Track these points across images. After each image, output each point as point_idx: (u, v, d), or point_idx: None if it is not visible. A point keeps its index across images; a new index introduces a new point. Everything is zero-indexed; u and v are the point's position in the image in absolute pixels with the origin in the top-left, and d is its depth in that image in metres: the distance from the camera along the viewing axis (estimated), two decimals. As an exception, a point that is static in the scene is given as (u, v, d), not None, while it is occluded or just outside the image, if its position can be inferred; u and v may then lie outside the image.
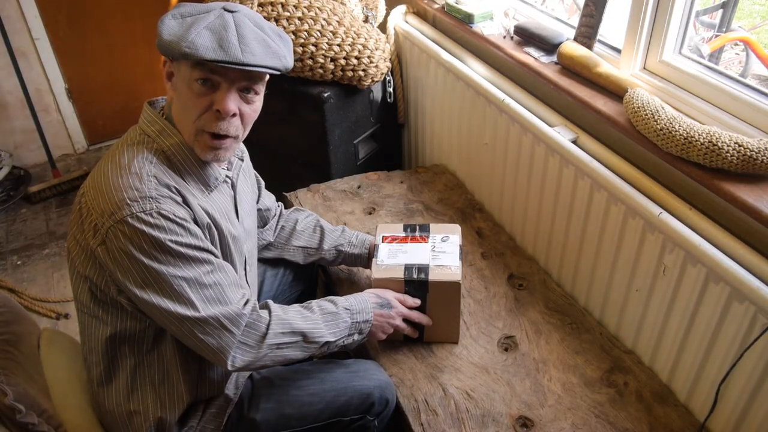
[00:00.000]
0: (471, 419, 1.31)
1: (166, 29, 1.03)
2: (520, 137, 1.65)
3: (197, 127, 1.08)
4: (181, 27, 1.03)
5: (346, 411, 1.27)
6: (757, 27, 3.82)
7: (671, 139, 1.21)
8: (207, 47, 1.00)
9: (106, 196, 1.03)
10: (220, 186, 1.17)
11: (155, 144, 1.10)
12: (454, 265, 1.40)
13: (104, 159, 1.12)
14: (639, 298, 1.40)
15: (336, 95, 1.95)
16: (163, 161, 1.09)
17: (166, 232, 1.02)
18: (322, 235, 1.53)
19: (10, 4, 2.71)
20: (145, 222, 1.00)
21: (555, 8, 2.83)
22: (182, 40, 1.00)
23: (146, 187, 1.03)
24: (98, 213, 1.03)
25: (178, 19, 1.05)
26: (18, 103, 2.88)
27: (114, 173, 1.05)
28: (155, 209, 1.01)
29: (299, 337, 1.16)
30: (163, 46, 1.03)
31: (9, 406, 0.99)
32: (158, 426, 1.15)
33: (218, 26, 1.02)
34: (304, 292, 1.61)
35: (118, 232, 1.01)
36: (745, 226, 1.18)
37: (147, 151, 1.08)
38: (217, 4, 1.07)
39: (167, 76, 1.09)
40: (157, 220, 1.01)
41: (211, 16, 1.04)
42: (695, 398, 1.32)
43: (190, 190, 1.11)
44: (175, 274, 1.03)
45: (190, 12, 1.06)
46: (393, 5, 2.16)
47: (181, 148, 1.10)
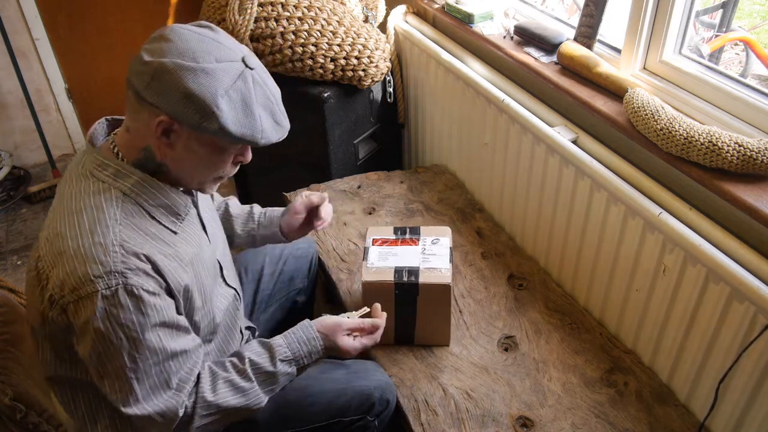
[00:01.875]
0: (471, 419, 1.31)
1: (230, 119, 0.94)
2: (520, 137, 1.65)
3: (215, 177, 1.06)
4: (242, 111, 0.95)
5: (346, 411, 1.27)
6: (757, 27, 3.82)
7: (671, 139, 1.21)
8: (273, 133, 1.00)
9: (66, 267, 0.94)
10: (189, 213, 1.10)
11: (114, 190, 0.99)
12: (444, 267, 1.39)
13: (57, 214, 1.00)
14: (639, 298, 1.40)
15: (336, 95, 1.95)
16: (129, 208, 0.99)
17: (131, 312, 0.94)
18: (231, 222, 1.45)
19: (10, 4, 2.70)
20: (110, 302, 0.92)
21: (555, 8, 2.83)
22: (255, 132, 0.97)
23: (112, 260, 0.93)
24: (56, 285, 0.94)
25: (229, 99, 0.94)
26: (18, 103, 2.88)
27: (74, 237, 0.95)
28: (121, 285, 0.93)
29: (234, 411, 1.09)
30: (231, 137, 0.95)
31: (9, 406, 0.99)
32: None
33: (264, 99, 0.99)
34: (302, 291, 1.61)
35: (79, 308, 0.93)
36: (745, 226, 1.18)
37: (109, 205, 0.98)
38: (236, 58, 0.97)
39: (164, 133, 0.96)
40: (123, 298, 0.93)
41: (252, 84, 0.97)
42: (695, 398, 1.32)
43: (162, 238, 1.02)
44: (126, 362, 0.96)
45: (227, 82, 0.94)
46: (393, 5, 2.16)
47: (143, 185, 1.01)
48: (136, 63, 0.95)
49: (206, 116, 0.93)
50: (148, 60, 0.93)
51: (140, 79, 0.93)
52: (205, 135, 0.97)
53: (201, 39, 0.96)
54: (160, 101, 0.93)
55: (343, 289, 1.65)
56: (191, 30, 0.97)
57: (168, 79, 0.92)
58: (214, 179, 1.07)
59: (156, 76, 0.92)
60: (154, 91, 0.93)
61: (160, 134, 0.96)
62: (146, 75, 0.93)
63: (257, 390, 1.10)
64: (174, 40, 0.94)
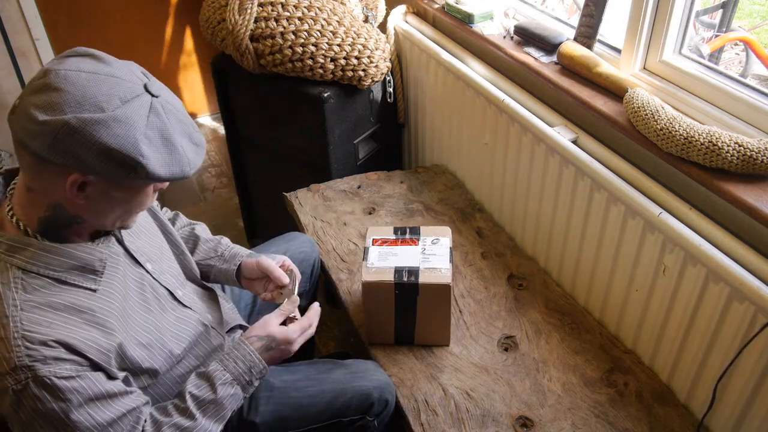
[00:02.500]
0: (471, 419, 1.31)
1: (156, 164, 0.88)
2: (520, 137, 1.65)
3: (137, 214, 1.00)
4: (165, 150, 0.89)
5: (346, 412, 1.27)
6: (757, 27, 3.82)
7: (671, 139, 1.21)
8: (197, 158, 0.94)
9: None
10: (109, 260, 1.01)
11: (11, 269, 0.91)
12: (444, 267, 1.39)
13: None
14: (639, 298, 1.40)
15: (336, 95, 1.95)
16: (31, 285, 0.91)
17: (45, 401, 0.88)
18: (195, 246, 1.36)
19: (10, 4, 2.70)
20: (23, 395, 0.87)
21: (555, 8, 2.83)
22: (183, 166, 0.91)
23: (15, 356, 0.86)
24: None
25: (149, 141, 0.87)
26: (18, 103, 2.88)
27: None
28: (30, 378, 0.87)
29: None
30: (160, 179, 0.90)
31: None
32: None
33: (179, 126, 0.92)
34: (303, 294, 1.60)
35: (2, 402, 0.89)
36: (745, 226, 1.18)
37: (6, 289, 0.89)
38: (139, 90, 0.89)
39: (79, 187, 0.88)
40: (35, 391, 0.87)
41: (164, 115, 0.90)
42: (695, 398, 1.32)
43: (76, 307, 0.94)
44: None
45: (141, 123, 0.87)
46: (393, 5, 2.16)
47: (44, 255, 0.92)
48: (27, 122, 0.83)
49: (131, 168, 0.86)
50: (45, 119, 0.82)
51: (39, 141, 0.83)
52: (126, 183, 0.91)
53: (95, 79, 0.86)
54: (69, 161, 0.84)
55: (343, 289, 1.65)
56: (79, 70, 0.86)
57: (77, 139, 0.82)
58: (133, 216, 1.00)
59: (59, 136, 0.82)
60: (59, 151, 0.83)
61: (75, 191, 0.88)
62: (45, 136, 0.82)
63: (204, 423, 1.03)
64: (65, 88, 0.83)
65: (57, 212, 0.92)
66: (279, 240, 1.61)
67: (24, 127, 0.84)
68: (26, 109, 0.84)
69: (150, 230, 1.19)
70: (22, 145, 0.86)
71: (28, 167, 0.89)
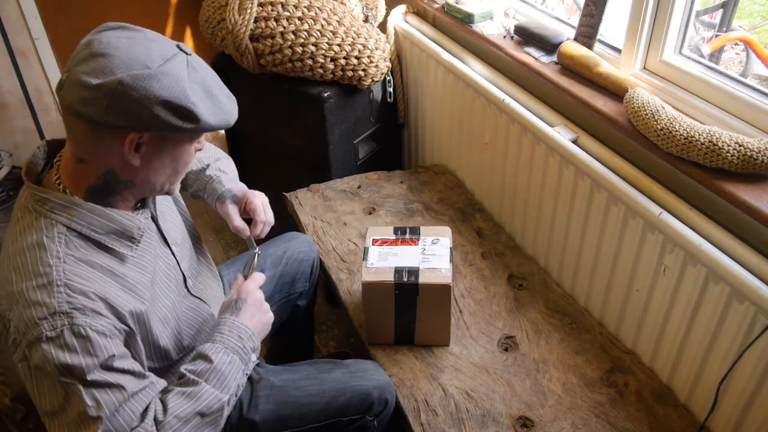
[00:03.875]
0: (471, 419, 1.31)
1: (210, 117, 0.94)
2: (520, 137, 1.65)
3: (181, 174, 1.04)
4: (208, 100, 0.95)
5: (346, 411, 1.27)
6: (757, 27, 3.81)
7: (671, 139, 1.20)
8: (234, 109, 1.01)
9: (16, 310, 0.90)
10: (145, 232, 1.05)
11: (57, 225, 0.94)
12: (444, 267, 1.39)
13: (4, 255, 0.96)
14: (639, 298, 1.40)
15: (336, 95, 1.95)
16: (74, 243, 0.94)
17: (78, 353, 0.89)
18: (185, 182, 1.39)
19: (10, 4, 2.70)
20: (56, 343, 0.88)
21: (555, 8, 2.83)
22: (226, 114, 0.98)
23: (56, 301, 0.89)
24: (14, 328, 0.91)
25: (202, 100, 0.93)
26: (18, 103, 2.88)
27: (20, 280, 0.91)
28: (67, 326, 0.88)
29: (195, 420, 0.99)
30: (210, 128, 0.96)
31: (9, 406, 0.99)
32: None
33: (214, 80, 0.98)
34: (303, 294, 1.61)
35: (32, 353, 0.89)
36: (745, 226, 1.18)
37: (51, 243, 0.93)
38: (174, 50, 0.94)
39: (135, 148, 0.93)
40: (69, 339, 0.88)
41: (200, 70, 0.95)
42: (695, 398, 1.32)
43: (112, 271, 0.97)
44: (80, 406, 0.90)
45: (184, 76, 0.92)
46: (393, 5, 2.16)
47: (89, 216, 0.96)
48: (80, 90, 0.87)
49: (185, 116, 0.91)
50: (98, 82, 0.86)
51: (94, 106, 0.87)
52: (178, 134, 0.94)
53: (135, 43, 0.91)
54: (126, 120, 0.88)
55: (343, 289, 1.65)
56: (118, 37, 0.91)
57: (132, 96, 0.87)
58: (179, 177, 1.04)
59: (115, 96, 0.86)
60: (116, 112, 0.87)
61: (132, 152, 0.92)
62: (100, 99, 0.86)
63: (208, 389, 1.01)
64: (111, 53, 0.88)
65: (108, 179, 0.96)
66: (278, 240, 1.61)
67: (77, 96, 0.87)
68: (77, 78, 0.87)
69: (173, 216, 1.23)
70: (77, 115, 0.88)
71: (83, 137, 0.92)
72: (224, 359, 1.04)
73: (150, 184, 1.00)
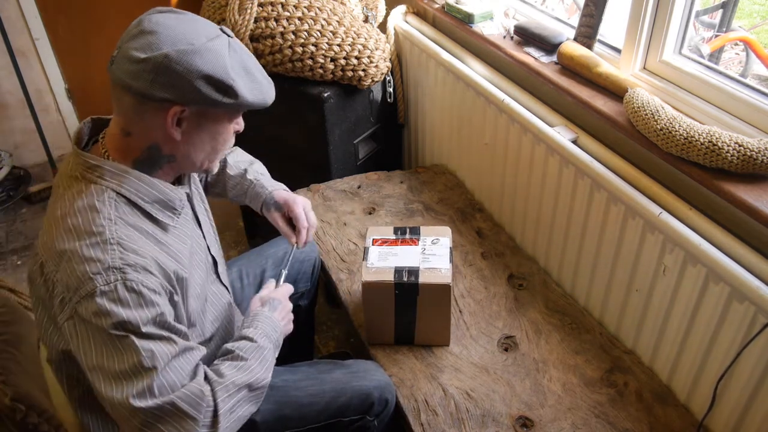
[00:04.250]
0: (471, 419, 1.31)
1: (248, 94, 0.99)
2: (520, 137, 1.65)
3: (220, 152, 1.08)
4: (247, 78, 1.00)
5: (346, 411, 1.27)
6: (757, 27, 3.82)
7: (671, 139, 1.21)
8: (271, 91, 1.06)
9: (67, 268, 0.93)
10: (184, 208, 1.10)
11: (107, 191, 0.98)
12: (444, 267, 1.39)
13: (52, 219, 0.99)
14: (639, 298, 1.40)
15: (336, 95, 1.95)
16: (123, 208, 0.99)
17: (131, 307, 0.92)
18: (225, 184, 1.43)
19: (10, 4, 2.70)
20: (110, 297, 0.91)
21: (555, 8, 2.83)
22: (263, 93, 1.03)
23: (110, 257, 0.92)
24: (63, 286, 0.93)
25: (241, 77, 0.98)
26: (18, 103, 2.88)
27: (72, 239, 0.94)
28: (120, 281, 0.92)
29: (245, 390, 1.05)
30: (248, 104, 1.01)
31: (9, 406, 0.99)
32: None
33: (253, 63, 1.03)
34: (304, 295, 1.61)
35: (84, 308, 0.91)
36: (745, 226, 1.18)
37: (103, 205, 0.96)
38: (217, 31, 0.99)
39: (177, 122, 0.98)
40: (122, 293, 0.92)
41: (240, 51, 1.00)
42: (695, 398, 1.32)
43: (156, 237, 1.02)
44: (134, 357, 0.92)
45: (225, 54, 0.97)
46: (393, 5, 2.16)
47: (136, 183, 1.00)
48: (128, 64, 0.92)
49: (225, 91, 0.96)
50: (144, 57, 0.91)
51: (141, 79, 0.92)
52: (217, 110, 0.99)
53: (182, 22, 0.97)
54: (171, 93, 0.93)
55: (344, 289, 1.65)
56: (166, 16, 0.97)
57: (176, 69, 0.92)
58: (218, 155, 1.09)
59: (161, 69, 0.92)
60: (162, 84, 0.92)
61: (174, 125, 0.97)
62: (147, 72, 0.92)
63: (256, 366, 1.07)
64: (159, 30, 0.93)
65: (152, 153, 1.01)
66: (279, 240, 1.61)
67: (126, 70, 0.93)
68: (126, 53, 0.93)
69: (204, 201, 1.28)
70: (124, 88, 0.94)
71: (129, 109, 0.96)
72: (266, 344, 1.11)
73: (190, 160, 1.04)
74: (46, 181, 2.88)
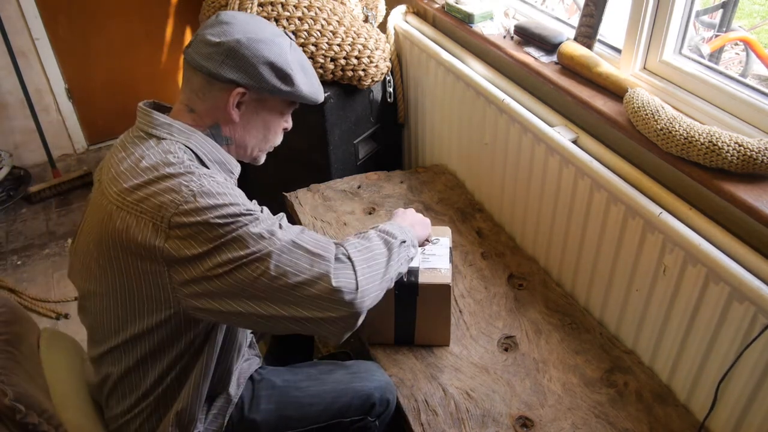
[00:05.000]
0: (471, 419, 1.31)
1: (303, 86, 1.11)
2: (520, 137, 1.65)
3: (270, 144, 1.20)
4: (303, 74, 1.11)
5: (347, 412, 1.27)
6: (757, 27, 3.82)
7: (671, 139, 1.21)
8: (321, 92, 1.17)
9: (155, 197, 0.97)
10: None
11: (177, 144, 1.05)
12: (444, 267, 1.39)
13: (119, 173, 1.02)
14: (639, 298, 1.40)
15: (336, 95, 1.95)
16: (190, 155, 1.06)
17: (226, 196, 0.99)
18: None
19: (10, 4, 2.70)
20: (204, 192, 0.97)
21: (555, 8, 2.83)
22: (316, 90, 1.14)
23: (194, 175, 0.99)
24: (151, 214, 0.96)
25: (298, 71, 1.10)
26: (18, 103, 2.88)
27: (149, 175, 0.99)
28: (206, 175, 1.00)
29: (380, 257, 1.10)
30: (301, 98, 1.12)
31: (9, 406, 0.99)
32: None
33: (309, 65, 1.15)
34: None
35: (185, 216, 0.95)
36: (745, 226, 1.18)
37: (175, 149, 1.03)
38: (281, 32, 1.12)
39: (237, 105, 1.07)
40: (209, 187, 0.98)
41: (299, 52, 1.13)
42: (695, 398, 1.32)
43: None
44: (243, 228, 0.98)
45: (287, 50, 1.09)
46: (393, 5, 2.16)
47: (202, 140, 1.08)
48: (204, 47, 1.04)
49: (284, 79, 1.07)
50: (218, 41, 1.04)
51: (213, 60, 1.03)
52: (275, 98, 1.11)
53: (253, 19, 1.10)
54: (238, 75, 1.04)
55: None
56: (240, 14, 1.11)
57: (245, 53, 1.04)
58: (267, 147, 1.19)
59: (231, 52, 1.03)
60: (230, 66, 1.04)
61: (234, 106, 1.07)
62: (219, 54, 1.03)
63: (378, 246, 1.12)
64: (233, 22, 1.07)
65: (213, 133, 1.11)
66: None
67: (200, 52, 1.05)
68: (203, 38, 1.06)
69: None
70: (196, 68, 1.05)
71: (198, 89, 1.07)
72: (395, 232, 1.17)
73: (243, 144, 1.14)
74: (46, 181, 2.88)
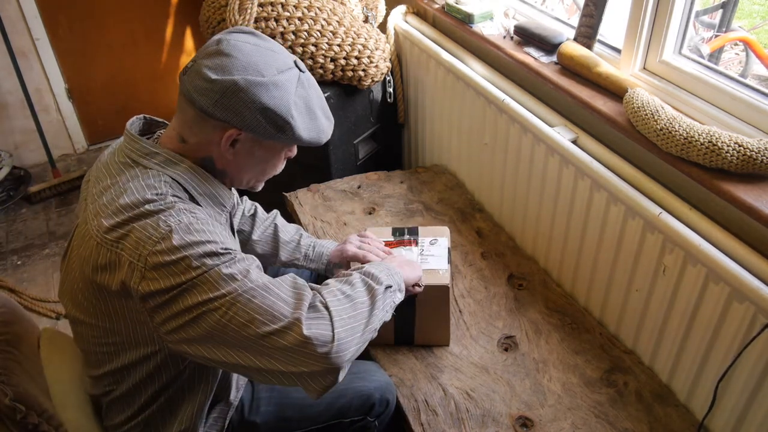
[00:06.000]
0: (471, 419, 1.31)
1: (303, 132, 1.02)
2: (520, 137, 1.65)
3: (270, 175, 1.13)
4: (307, 117, 1.03)
5: (347, 412, 1.27)
6: (757, 27, 3.82)
7: (671, 139, 1.21)
8: (329, 129, 1.08)
9: (133, 234, 0.91)
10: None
11: (162, 176, 0.99)
12: (442, 268, 1.39)
13: (99, 205, 0.97)
14: (639, 298, 1.40)
15: (336, 95, 1.95)
16: (178, 192, 0.99)
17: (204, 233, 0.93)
18: (278, 248, 1.46)
19: (10, 4, 2.71)
20: (182, 229, 0.92)
21: (555, 8, 2.83)
22: (319, 133, 1.05)
23: (174, 212, 0.94)
24: (130, 251, 0.91)
25: (296, 107, 1.00)
26: (18, 103, 2.88)
27: (128, 213, 0.93)
28: (186, 210, 0.94)
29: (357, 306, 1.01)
30: (299, 143, 1.05)
31: (9, 406, 0.99)
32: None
33: (318, 100, 1.06)
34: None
35: (162, 254, 0.90)
36: (745, 226, 1.18)
37: (159, 185, 0.97)
38: (291, 64, 1.02)
39: (231, 143, 1.00)
40: (186, 226, 0.93)
41: (308, 88, 1.03)
42: (695, 398, 1.32)
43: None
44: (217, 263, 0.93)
45: (292, 90, 0.99)
46: (393, 5, 2.16)
47: (192, 173, 1.02)
48: (199, 80, 0.96)
49: (281, 128, 0.99)
50: (216, 78, 0.95)
51: (207, 97, 0.95)
52: (272, 141, 1.02)
53: (258, 50, 0.99)
54: (231, 117, 0.96)
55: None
56: (244, 41, 1.00)
57: (241, 97, 0.95)
58: (266, 177, 1.13)
59: (227, 93, 0.95)
60: (224, 107, 0.96)
61: (228, 146, 1.00)
62: (214, 93, 0.95)
63: (361, 294, 1.03)
64: (234, 54, 0.97)
65: (206, 164, 1.04)
66: None
67: (195, 85, 0.97)
68: (199, 69, 0.97)
69: (237, 217, 1.35)
70: (190, 101, 0.97)
71: (191, 121, 1.00)
72: (380, 275, 1.09)
73: (238, 177, 1.08)
74: (46, 181, 2.88)
